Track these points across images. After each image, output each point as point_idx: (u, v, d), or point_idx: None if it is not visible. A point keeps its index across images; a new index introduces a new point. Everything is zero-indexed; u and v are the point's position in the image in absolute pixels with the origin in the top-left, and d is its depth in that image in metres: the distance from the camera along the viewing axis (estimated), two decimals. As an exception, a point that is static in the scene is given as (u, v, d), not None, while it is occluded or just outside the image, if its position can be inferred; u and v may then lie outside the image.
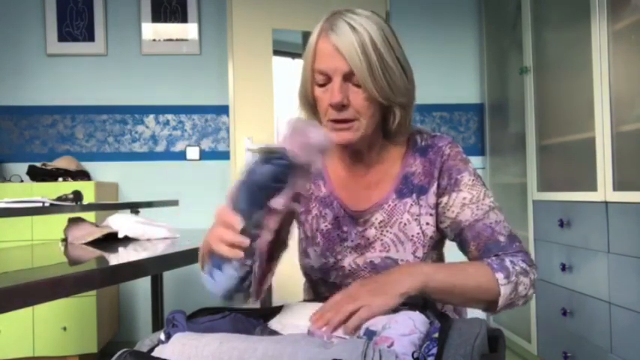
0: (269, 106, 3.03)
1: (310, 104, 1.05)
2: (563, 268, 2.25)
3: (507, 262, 0.97)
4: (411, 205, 1.06)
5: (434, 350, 0.76)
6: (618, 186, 1.94)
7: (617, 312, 1.92)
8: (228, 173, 3.13)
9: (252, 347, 0.73)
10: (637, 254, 1.81)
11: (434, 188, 1.06)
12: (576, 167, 2.28)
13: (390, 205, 1.07)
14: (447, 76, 3.31)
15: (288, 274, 1.34)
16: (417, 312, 0.86)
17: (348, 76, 0.96)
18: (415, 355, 0.75)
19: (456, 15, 3.31)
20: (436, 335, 0.80)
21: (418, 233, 1.05)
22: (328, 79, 0.98)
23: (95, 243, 1.57)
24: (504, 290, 0.95)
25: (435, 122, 3.30)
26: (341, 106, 0.97)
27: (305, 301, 1.11)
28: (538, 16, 2.54)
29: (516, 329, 2.78)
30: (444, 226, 1.06)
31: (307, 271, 1.15)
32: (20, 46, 3.11)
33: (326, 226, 1.11)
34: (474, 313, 1.01)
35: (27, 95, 3.11)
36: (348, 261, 1.08)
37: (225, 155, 3.18)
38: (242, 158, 2.99)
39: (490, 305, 0.98)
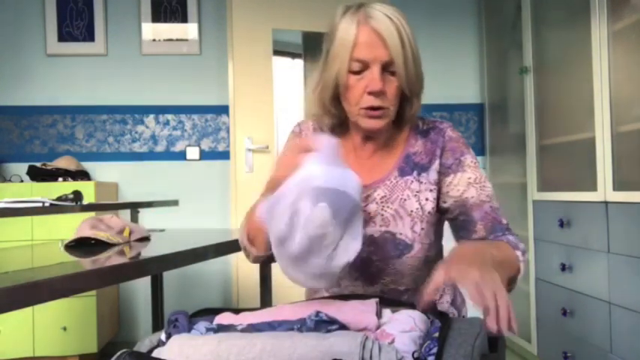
0: (269, 106, 3.03)
1: (334, 95, 1.09)
2: (563, 268, 2.25)
3: (515, 240, 1.03)
4: (412, 181, 1.10)
5: (434, 350, 0.77)
6: (618, 186, 1.94)
7: (617, 312, 1.92)
8: (228, 173, 3.13)
9: (250, 343, 0.73)
10: (637, 254, 1.81)
11: (435, 166, 1.10)
12: (576, 167, 2.28)
13: (391, 181, 1.11)
14: (447, 76, 3.31)
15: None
16: (417, 311, 0.86)
17: (386, 65, 1.01)
18: (416, 355, 0.75)
19: (456, 15, 3.31)
20: (437, 335, 0.80)
21: (417, 208, 1.09)
22: (365, 67, 1.02)
23: (96, 244, 1.56)
24: (522, 267, 1.00)
25: (435, 122, 3.30)
26: (379, 94, 1.01)
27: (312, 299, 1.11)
28: (538, 16, 2.54)
29: (516, 329, 2.78)
30: (447, 205, 1.09)
31: None
32: (20, 46, 3.10)
33: None
34: (475, 311, 1.00)
35: (27, 95, 3.11)
36: None
37: (225, 155, 3.18)
38: (242, 158, 2.99)
39: (509, 283, 0.96)
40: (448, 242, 1.10)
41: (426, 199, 1.09)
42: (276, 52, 3.11)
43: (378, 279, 1.10)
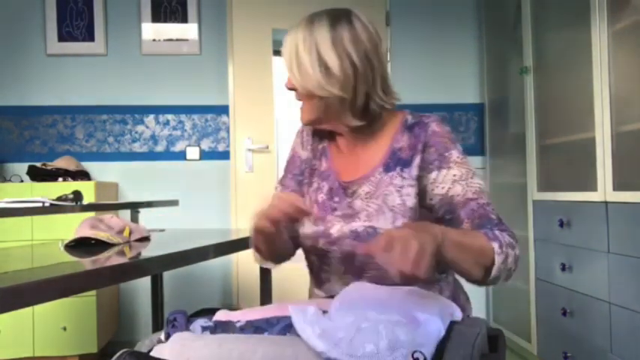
0: (269, 106, 3.03)
1: None
2: (563, 268, 2.25)
3: (498, 233, 1.01)
4: (395, 177, 1.12)
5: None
6: (618, 186, 1.94)
7: (617, 312, 1.92)
8: (228, 173, 3.13)
9: (251, 349, 0.73)
10: (637, 254, 1.81)
11: (417, 161, 1.12)
12: (576, 167, 2.28)
13: (376, 177, 1.14)
14: (447, 76, 3.31)
15: (288, 275, 1.33)
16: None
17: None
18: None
19: (456, 15, 3.31)
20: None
21: (399, 204, 1.10)
22: None
23: (96, 244, 1.56)
24: (498, 259, 0.98)
25: (435, 122, 3.30)
26: (289, 89, 1.16)
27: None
28: (538, 16, 2.54)
29: (516, 329, 2.78)
30: (434, 202, 1.10)
31: (302, 240, 1.21)
32: (20, 46, 3.10)
33: (322, 197, 1.19)
34: (478, 311, 1.01)
35: (27, 95, 3.11)
36: (336, 228, 1.14)
37: (225, 155, 3.18)
38: (242, 158, 2.99)
39: (485, 273, 0.99)
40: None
41: (408, 195, 1.10)
42: (276, 52, 3.11)
43: (363, 272, 1.11)
